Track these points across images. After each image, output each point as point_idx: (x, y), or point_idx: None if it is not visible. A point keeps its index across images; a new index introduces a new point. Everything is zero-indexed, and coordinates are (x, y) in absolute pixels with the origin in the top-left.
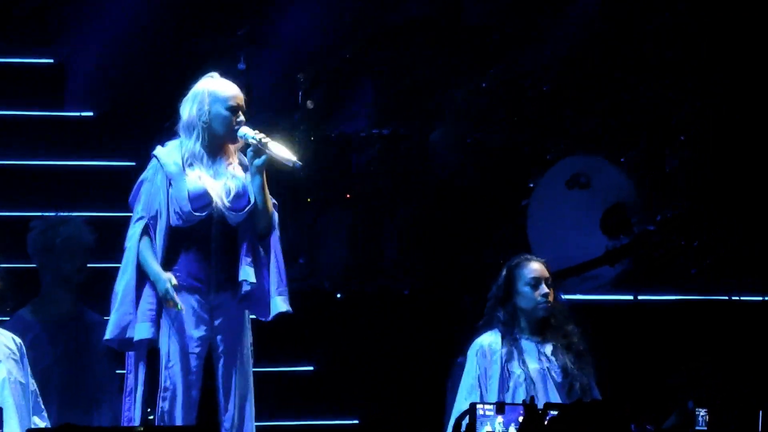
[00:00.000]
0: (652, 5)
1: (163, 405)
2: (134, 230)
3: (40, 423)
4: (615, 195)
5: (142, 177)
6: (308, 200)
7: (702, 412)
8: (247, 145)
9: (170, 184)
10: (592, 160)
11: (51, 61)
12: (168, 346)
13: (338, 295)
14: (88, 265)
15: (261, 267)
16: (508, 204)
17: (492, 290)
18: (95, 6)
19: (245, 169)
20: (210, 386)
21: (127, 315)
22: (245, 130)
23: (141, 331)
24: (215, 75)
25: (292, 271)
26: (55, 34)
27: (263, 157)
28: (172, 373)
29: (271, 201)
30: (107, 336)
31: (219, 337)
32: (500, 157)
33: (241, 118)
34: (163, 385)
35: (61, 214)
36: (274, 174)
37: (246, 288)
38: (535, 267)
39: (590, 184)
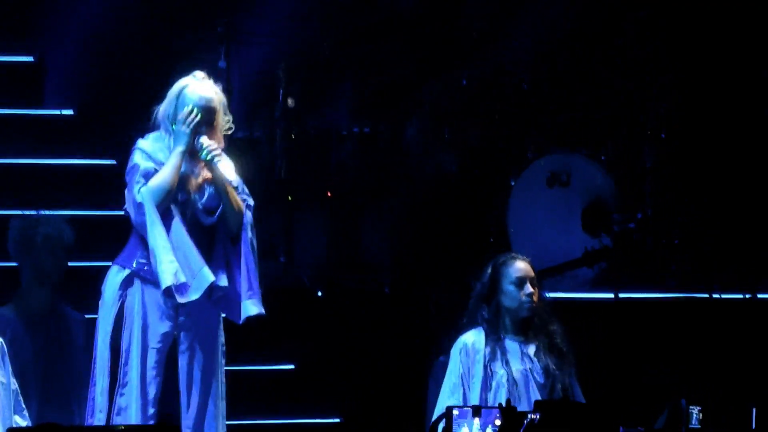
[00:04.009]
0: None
1: (120, 401)
2: (137, 193)
3: (21, 422)
4: (594, 193)
5: (131, 164)
6: (288, 198)
7: (695, 410)
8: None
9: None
10: (572, 158)
11: (29, 58)
12: (128, 340)
13: (319, 293)
14: (68, 264)
15: (234, 270)
16: (487, 201)
17: (476, 288)
18: (73, 2)
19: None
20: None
21: (171, 263)
22: (202, 140)
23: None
24: (199, 75)
25: (273, 269)
26: (33, 32)
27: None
28: (130, 368)
29: (239, 204)
30: (165, 284)
31: (183, 334)
32: (478, 154)
33: (203, 128)
34: (121, 380)
35: (42, 212)
36: (255, 172)
37: (218, 293)
38: (521, 266)
39: (570, 182)
